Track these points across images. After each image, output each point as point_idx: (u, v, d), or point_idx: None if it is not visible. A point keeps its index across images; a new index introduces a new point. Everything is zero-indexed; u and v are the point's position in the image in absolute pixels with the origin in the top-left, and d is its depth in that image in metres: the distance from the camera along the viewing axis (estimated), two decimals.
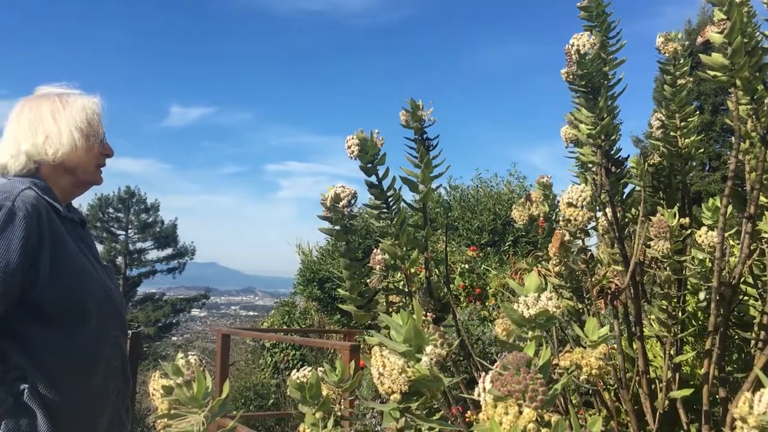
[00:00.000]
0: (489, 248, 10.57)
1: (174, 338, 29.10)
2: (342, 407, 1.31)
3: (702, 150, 2.46)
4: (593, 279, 2.14)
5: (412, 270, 2.19)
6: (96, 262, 1.83)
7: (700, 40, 1.84)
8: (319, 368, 1.33)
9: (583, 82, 2.06)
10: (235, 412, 5.26)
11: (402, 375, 0.99)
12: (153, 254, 30.10)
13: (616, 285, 2.26)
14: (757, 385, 0.87)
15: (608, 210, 2.21)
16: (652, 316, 2.19)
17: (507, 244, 10.85)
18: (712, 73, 1.84)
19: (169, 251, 30.36)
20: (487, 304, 6.62)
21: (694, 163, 2.45)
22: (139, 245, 29.81)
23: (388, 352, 1.03)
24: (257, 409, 9.09)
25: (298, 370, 1.30)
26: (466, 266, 7.22)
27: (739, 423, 0.87)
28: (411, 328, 1.01)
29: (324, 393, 1.35)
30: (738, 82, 1.85)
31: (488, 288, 7.03)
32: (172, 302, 30.23)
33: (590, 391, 2.40)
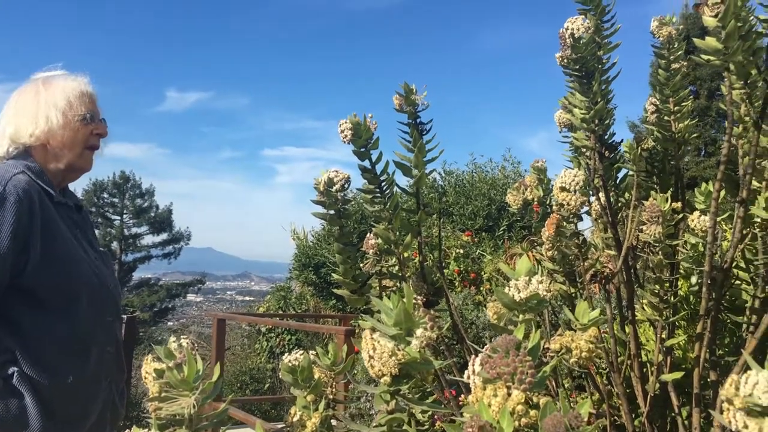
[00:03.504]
0: (484, 233, 10.58)
1: (170, 323, 29.19)
2: (334, 390, 1.32)
3: (696, 135, 2.46)
4: (586, 263, 2.14)
5: (406, 254, 2.19)
6: (90, 247, 1.83)
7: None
8: (310, 352, 1.33)
9: (577, 66, 2.05)
10: (231, 396, 5.28)
11: (392, 358, 0.99)
12: (148, 239, 30.17)
13: (610, 269, 2.26)
14: (747, 368, 0.87)
15: (601, 195, 2.21)
16: (645, 300, 2.20)
17: (502, 229, 10.87)
18: (705, 57, 1.83)
19: (164, 236, 30.41)
20: (481, 288, 6.64)
21: (689, 148, 2.45)
22: (134, 230, 29.85)
23: (379, 335, 1.03)
24: (253, 394, 9.14)
25: (290, 354, 1.30)
26: (461, 251, 7.24)
27: (725, 405, 0.87)
28: (401, 312, 1.01)
29: (316, 376, 1.36)
30: (731, 67, 1.84)
31: (483, 273, 7.05)
32: (167, 287, 30.30)
33: (583, 375, 2.41)
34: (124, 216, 29.63)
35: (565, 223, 2.10)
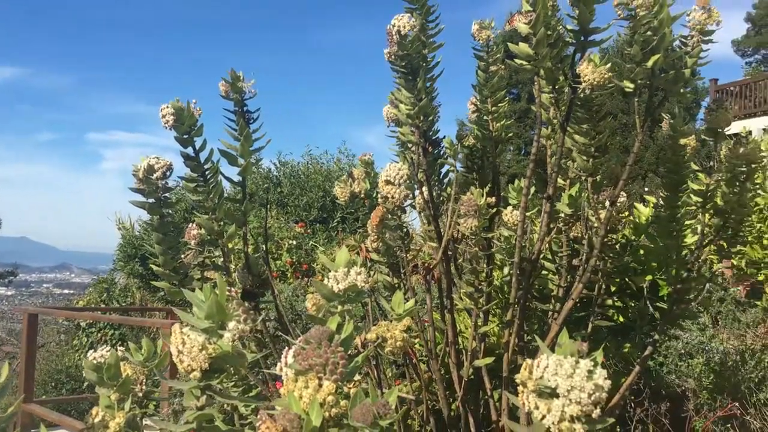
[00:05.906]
0: (318, 225, 10.64)
1: None
2: (142, 388, 1.25)
3: (512, 134, 2.61)
4: (409, 255, 2.21)
5: (230, 245, 2.14)
6: None
7: (508, 27, 1.94)
8: (119, 347, 1.26)
9: (403, 63, 2.11)
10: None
11: (202, 352, 0.96)
12: None
13: (435, 260, 2.35)
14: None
15: (425, 188, 2.29)
16: (462, 290, 2.31)
17: (336, 220, 10.98)
18: (519, 61, 1.95)
19: None
20: (313, 279, 6.67)
21: (510, 147, 2.60)
22: None
23: (190, 329, 0.99)
24: (70, 393, 8.55)
25: (95, 351, 1.22)
26: (294, 242, 7.22)
27: (520, 388, 0.93)
28: (213, 304, 0.98)
29: (126, 373, 1.28)
30: (541, 72, 1.98)
31: (316, 264, 7.08)
32: None
33: (406, 363, 2.49)
34: None
35: (389, 216, 2.16)
